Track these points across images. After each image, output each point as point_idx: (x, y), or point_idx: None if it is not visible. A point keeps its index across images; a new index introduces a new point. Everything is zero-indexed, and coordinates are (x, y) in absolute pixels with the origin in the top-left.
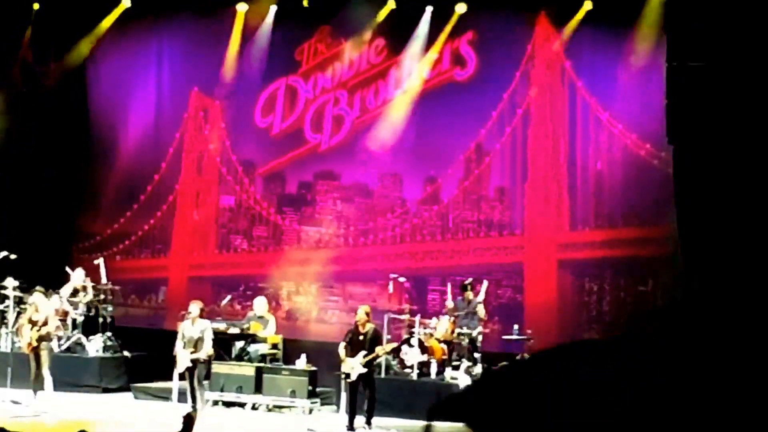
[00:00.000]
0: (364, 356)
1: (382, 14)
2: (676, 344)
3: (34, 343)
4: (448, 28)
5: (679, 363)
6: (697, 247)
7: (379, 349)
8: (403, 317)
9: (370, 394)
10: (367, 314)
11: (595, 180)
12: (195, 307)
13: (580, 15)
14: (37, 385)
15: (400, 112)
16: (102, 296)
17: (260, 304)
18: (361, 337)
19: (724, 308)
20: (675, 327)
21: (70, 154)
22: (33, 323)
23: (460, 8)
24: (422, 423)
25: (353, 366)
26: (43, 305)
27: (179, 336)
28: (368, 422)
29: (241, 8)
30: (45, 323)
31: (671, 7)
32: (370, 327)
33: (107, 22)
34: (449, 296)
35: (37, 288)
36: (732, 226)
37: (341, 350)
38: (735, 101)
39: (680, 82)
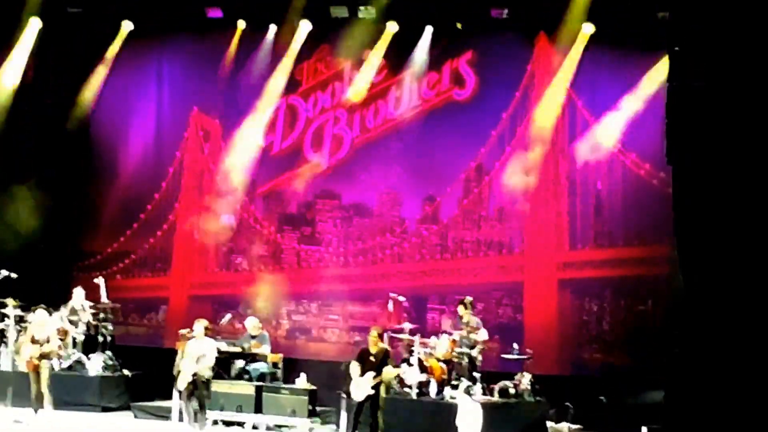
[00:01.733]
0: (374, 377)
1: (385, 38)
2: None
3: (35, 361)
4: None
5: None
6: (696, 266)
7: (384, 375)
8: (402, 336)
9: (373, 417)
10: (379, 335)
11: (595, 199)
12: (199, 325)
13: (582, 37)
14: (38, 403)
15: (400, 131)
16: (102, 315)
17: (252, 324)
18: (372, 358)
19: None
20: None
21: (71, 173)
22: (35, 341)
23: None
24: None
25: (361, 386)
26: (46, 323)
27: (179, 354)
28: None
29: (240, 25)
30: (47, 341)
31: (672, 28)
32: (380, 348)
33: (111, 53)
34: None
35: (41, 306)
36: (730, 246)
37: (353, 368)
38: (734, 122)
39: (680, 103)
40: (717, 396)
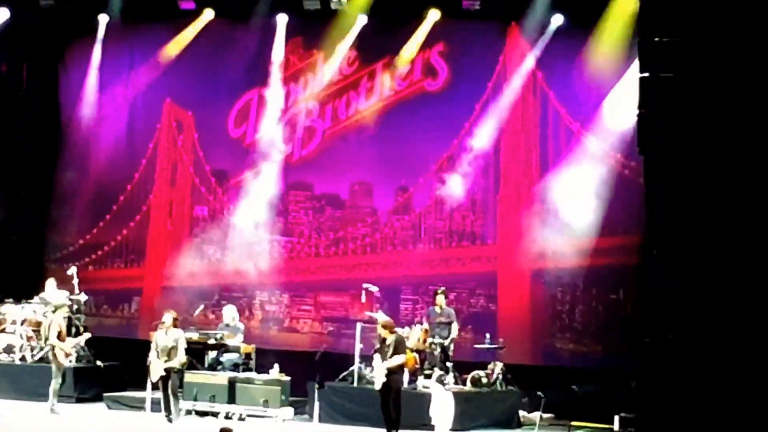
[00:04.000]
0: (386, 366)
1: (355, 29)
2: None
3: None
4: (419, 39)
5: None
6: (667, 255)
7: (391, 362)
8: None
9: (395, 405)
10: (384, 327)
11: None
12: (169, 316)
13: (551, 28)
14: None
15: (372, 122)
16: (75, 306)
17: (229, 312)
18: (386, 348)
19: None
20: None
21: (43, 163)
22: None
23: (432, 17)
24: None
25: (377, 374)
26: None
27: (153, 345)
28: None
29: (209, 15)
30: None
31: (643, 18)
32: (392, 337)
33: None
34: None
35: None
36: (701, 235)
37: (375, 359)
38: (705, 112)
39: (651, 93)
40: (688, 384)
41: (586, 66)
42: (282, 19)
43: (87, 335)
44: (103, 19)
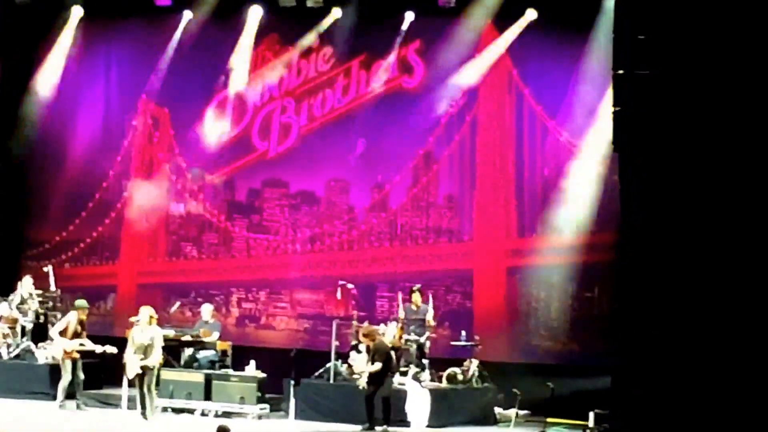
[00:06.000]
0: (370, 368)
1: (327, 23)
2: None
3: None
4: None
5: None
6: (641, 253)
7: (371, 367)
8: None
9: (385, 406)
10: (365, 335)
11: (542, 187)
12: (144, 313)
13: (522, 23)
14: None
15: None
16: (51, 303)
17: (207, 310)
18: (369, 354)
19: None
20: None
21: (18, 160)
22: None
23: (408, 17)
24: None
25: (362, 375)
26: None
27: (129, 342)
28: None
29: (187, 15)
30: None
31: (618, 15)
32: (378, 341)
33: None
34: (400, 305)
35: None
36: (676, 233)
37: (359, 359)
38: (680, 109)
39: (626, 90)
40: (663, 381)
41: (562, 63)
42: (255, 12)
43: (113, 349)
44: (76, 11)
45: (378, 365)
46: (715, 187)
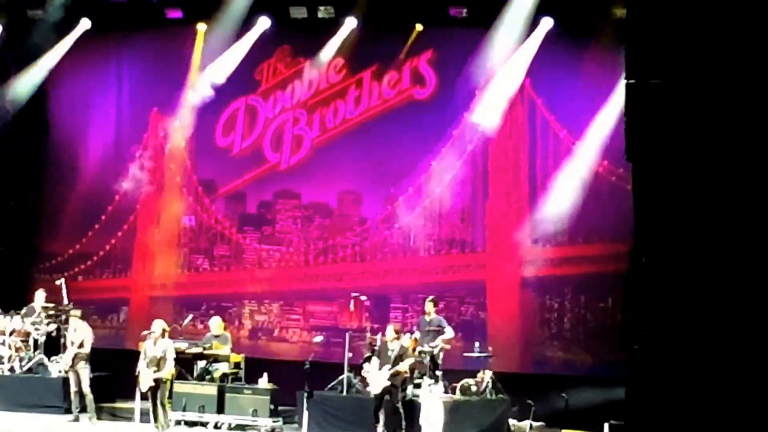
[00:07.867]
0: (389, 370)
1: (342, 36)
2: None
3: None
4: (407, 47)
5: None
6: (655, 263)
7: (401, 366)
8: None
9: (392, 409)
10: (396, 332)
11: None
12: (157, 326)
13: (539, 34)
14: None
15: (360, 130)
16: (63, 317)
17: (215, 324)
18: (389, 353)
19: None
20: None
21: (30, 174)
22: None
23: (419, 27)
24: None
25: (378, 379)
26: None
27: (142, 355)
28: None
29: (201, 28)
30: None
31: (630, 24)
32: (397, 344)
33: (65, 48)
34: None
35: None
36: (690, 243)
37: (372, 363)
38: (692, 119)
39: (638, 100)
40: (677, 392)
41: (575, 73)
42: (263, 22)
43: None
44: (84, 23)
45: (409, 361)
46: (729, 197)
